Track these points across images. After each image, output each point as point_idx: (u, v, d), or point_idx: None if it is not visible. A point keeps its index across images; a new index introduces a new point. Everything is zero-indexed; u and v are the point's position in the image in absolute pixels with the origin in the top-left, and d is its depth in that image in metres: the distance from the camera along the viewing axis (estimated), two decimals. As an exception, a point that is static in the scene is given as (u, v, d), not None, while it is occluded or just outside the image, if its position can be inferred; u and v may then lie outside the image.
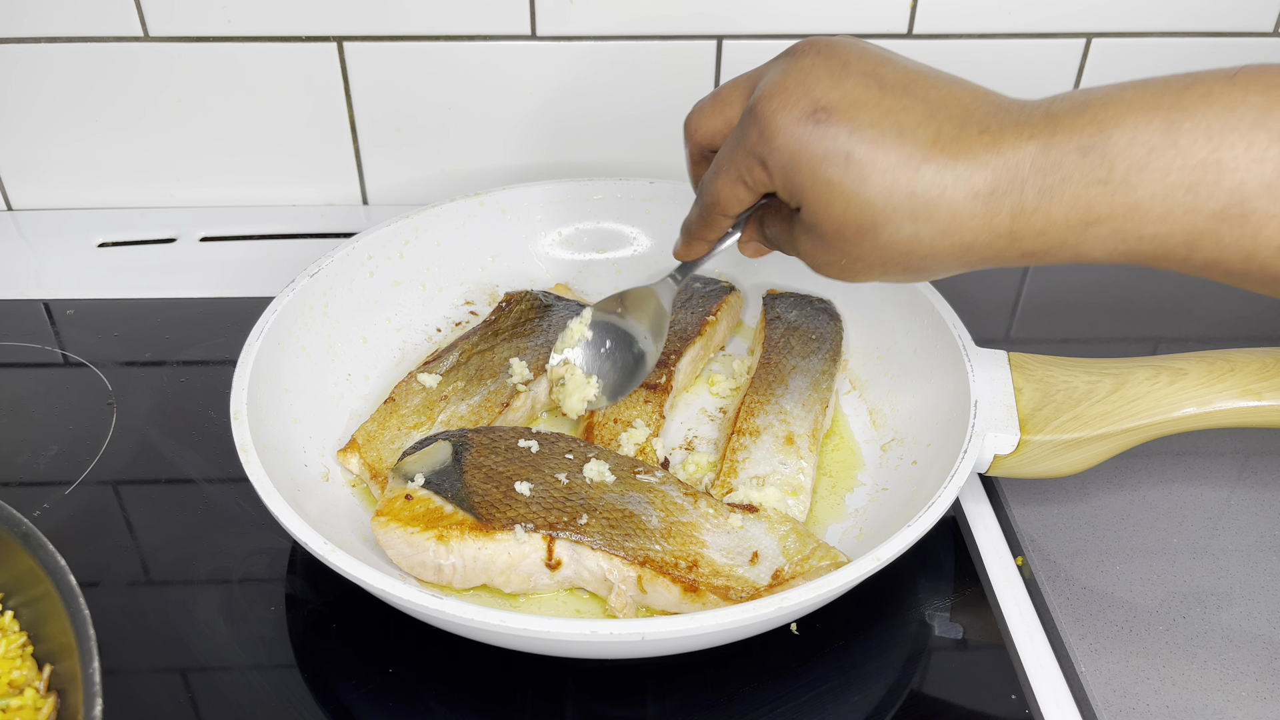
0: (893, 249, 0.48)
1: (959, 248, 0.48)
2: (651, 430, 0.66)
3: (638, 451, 0.64)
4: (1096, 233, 0.46)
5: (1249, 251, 0.45)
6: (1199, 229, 0.45)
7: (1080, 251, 0.47)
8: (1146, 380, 0.60)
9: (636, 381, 0.68)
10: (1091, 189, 0.45)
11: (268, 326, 0.64)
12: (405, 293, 0.76)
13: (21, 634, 0.51)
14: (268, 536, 0.61)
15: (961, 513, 0.64)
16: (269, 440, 0.59)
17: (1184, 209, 0.44)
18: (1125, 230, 0.45)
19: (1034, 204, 0.46)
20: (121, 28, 0.83)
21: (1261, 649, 0.55)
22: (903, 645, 0.57)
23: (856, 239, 0.49)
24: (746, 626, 0.50)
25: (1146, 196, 0.44)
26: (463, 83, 0.88)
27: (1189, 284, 0.85)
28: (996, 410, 0.60)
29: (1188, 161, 0.44)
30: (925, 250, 0.48)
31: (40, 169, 0.91)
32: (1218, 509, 0.64)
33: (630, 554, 0.55)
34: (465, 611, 0.48)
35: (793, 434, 0.64)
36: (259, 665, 0.55)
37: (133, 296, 0.81)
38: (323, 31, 0.85)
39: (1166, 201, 0.44)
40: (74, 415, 0.70)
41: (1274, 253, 0.44)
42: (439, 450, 0.59)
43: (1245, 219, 0.44)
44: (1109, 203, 0.45)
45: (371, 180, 0.93)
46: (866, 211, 0.47)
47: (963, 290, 0.76)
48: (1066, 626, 0.56)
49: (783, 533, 0.57)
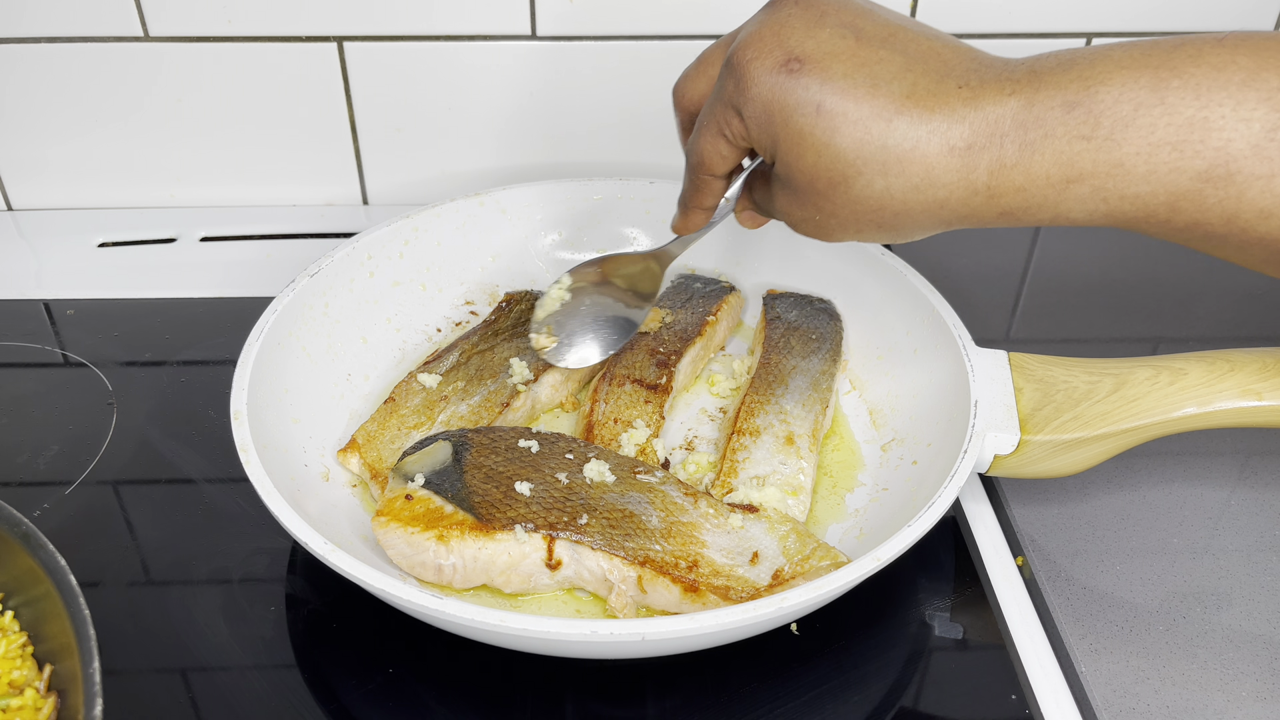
0: (865, 203, 0.48)
1: (933, 204, 0.47)
2: (652, 430, 0.66)
3: (638, 452, 0.64)
4: (1077, 191, 0.45)
5: (1231, 214, 0.44)
6: (1182, 189, 0.44)
7: (1060, 211, 0.46)
8: (1147, 380, 0.60)
9: (625, 337, 0.69)
10: (1075, 145, 0.44)
11: (268, 326, 0.64)
12: (405, 292, 0.76)
13: (22, 634, 0.51)
14: (268, 536, 0.61)
15: (962, 513, 0.64)
16: (269, 440, 0.59)
17: (1168, 168, 0.44)
18: (1107, 189, 0.45)
19: (1014, 159, 0.45)
20: (121, 27, 0.83)
21: (1262, 649, 0.55)
22: (903, 645, 0.57)
23: (828, 192, 0.48)
24: (746, 627, 0.50)
25: (1131, 154, 0.44)
26: (463, 83, 0.88)
27: (1189, 284, 0.85)
28: (996, 410, 0.60)
29: (1175, 119, 0.43)
30: (898, 206, 0.47)
31: (40, 169, 0.91)
32: (1218, 509, 0.64)
33: (630, 554, 0.55)
34: (465, 611, 0.48)
35: (793, 434, 0.64)
36: (259, 665, 0.55)
37: (133, 296, 0.81)
38: (323, 31, 0.84)
39: (1151, 160, 0.44)
40: (74, 415, 0.70)
41: (1256, 215, 0.44)
42: (439, 450, 0.59)
43: (1230, 179, 0.43)
44: (1092, 159, 0.44)
45: (371, 180, 0.93)
46: (837, 164, 0.47)
47: (963, 290, 0.76)
48: (1067, 626, 0.56)
49: (783, 533, 0.57)
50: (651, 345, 0.71)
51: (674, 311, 0.74)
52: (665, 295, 0.77)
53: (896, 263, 0.72)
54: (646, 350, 0.71)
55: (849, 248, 0.75)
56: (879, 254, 0.73)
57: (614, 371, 0.69)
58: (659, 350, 0.71)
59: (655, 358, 0.70)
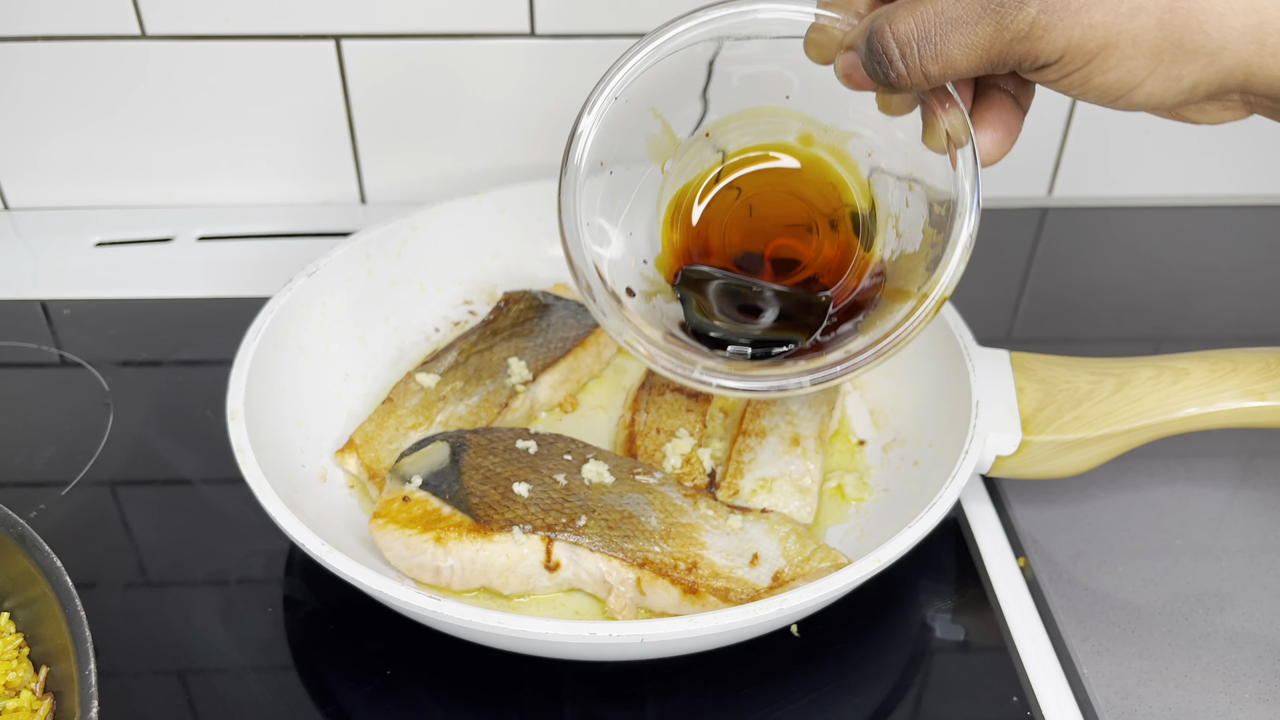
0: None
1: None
2: (696, 440, 0.64)
3: (683, 462, 0.63)
4: None
5: None
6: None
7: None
8: (1149, 380, 0.59)
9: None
10: None
11: (265, 326, 0.64)
12: (403, 292, 0.76)
13: (17, 635, 0.50)
14: (265, 537, 0.61)
15: (963, 514, 0.64)
16: (266, 441, 0.59)
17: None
18: None
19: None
20: (118, 26, 0.83)
21: (1264, 650, 0.55)
22: (904, 647, 0.56)
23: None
24: (746, 628, 0.50)
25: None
26: (461, 81, 0.87)
27: (1192, 283, 0.85)
28: (998, 410, 0.60)
29: None
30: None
31: (37, 168, 0.90)
32: (1220, 510, 0.63)
33: (629, 555, 0.54)
34: (463, 613, 0.48)
35: (799, 435, 0.63)
36: (256, 667, 0.54)
37: (130, 296, 0.81)
38: (320, 29, 0.84)
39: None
40: (70, 415, 0.70)
41: None
42: (437, 451, 0.59)
43: None
44: None
45: (370, 179, 0.93)
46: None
47: (964, 290, 0.76)
48: (1068, 628, 0.56)
49: (783, 534, 0.57)
50: None
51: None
52: None
53: (897, 262, 0.72)
54: None
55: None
56: (879, 253, 0.73)
57: (653, 380, 0.68)
58: None
59: None
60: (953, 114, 0.45)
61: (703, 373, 0.48)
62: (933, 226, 0.48)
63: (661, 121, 0.51)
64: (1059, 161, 0.95)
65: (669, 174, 0.53)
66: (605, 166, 0.50)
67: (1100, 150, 0.94)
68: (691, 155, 0.53)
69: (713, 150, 0.53)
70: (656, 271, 0.54)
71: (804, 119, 0.52)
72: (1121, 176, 0.96)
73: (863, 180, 0.52)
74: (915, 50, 0.41)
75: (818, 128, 0.52)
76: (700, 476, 0.62)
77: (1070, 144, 0.93)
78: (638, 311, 0.50)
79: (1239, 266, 0.87)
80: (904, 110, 0.48)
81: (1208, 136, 0.93)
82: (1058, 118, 0.92)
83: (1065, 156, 0.94)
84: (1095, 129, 0.93)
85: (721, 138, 0.52)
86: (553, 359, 0.69)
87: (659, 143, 0.52)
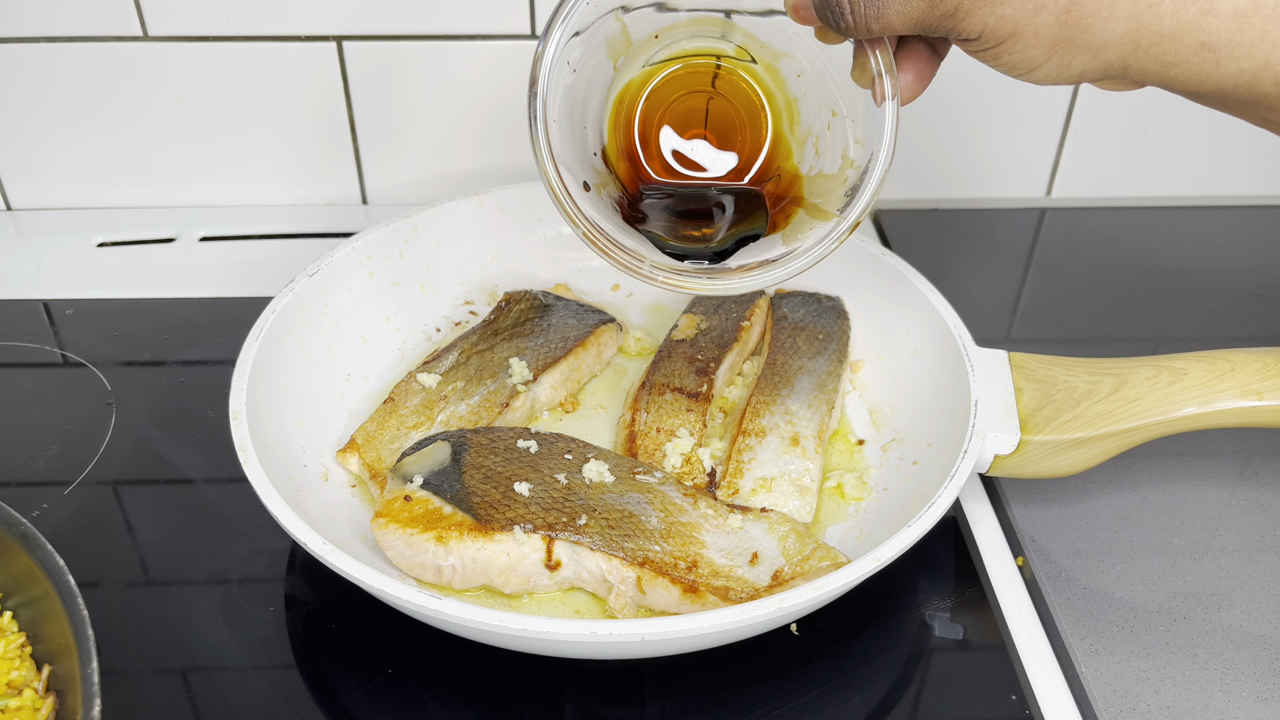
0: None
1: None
2: (696, 440, 0.65)
3: (683, 462, 0.63)
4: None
5: None
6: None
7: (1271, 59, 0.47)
8: (1147, 380, 0.59)
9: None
10: None
11: (267, 326, 0.64)
12: (404, 292, 0.76)
13: (20, 634, 0.51)
14: (267, 537, 0.61)
15: (962, 513, 0.64)
16: (268, 440, 0.59)
17: None
18: None
19: None
20: (121, 27, 0.83)
21: (1263, 649, 0.55)
22: (903, 646, 0.57)
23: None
24: (746, 627, 0.50)
25: None
26: (462, 82, 0.88)
27: (1190, 283, 0.85)
28: (997, 410, 0.60)
29: None
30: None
31: (39, 169, 0.91)
32: (1219, 509, 0.64)
33: (630, 554, 0.55)
34: (464, 612, 0.48)
35: (798, 435, 0.64)
36: (258, 666, 0.55)
37: (132, 296, 0.81)
38: (322, 31, 0.84)
39: None
40: (73, 415, 0.70)
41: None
42: (438, 451, 0.59)
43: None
44: None
45: (371, 179, 0.93)
46: None
47: (963, 290, 0.76)
48: (1067, 627, 0.56)
49: (782, 533, 0.57)
50: (689, 353, 0.70)
51: (708, 318, 0.74)
52: (697, 302, 0.76)
53: (897, 263, 0.72)
54: (684, 358, 0.70)
55: (849, 247, 0.75)
56: (879, 254, 0.73)
57: (653, 380, 0.68)
58: (697, 358, 0.70)
59: (694, 365, 0.69)
60: (881, 55, 0.51)
61: (651, 269, 0.55)
62: (851, 155, 0.55)
63: (621, 24, 0.56)
64: (1058, 162, 0.95)
65: (619, 70, 0.58)
66: (570, 65, 0.54)
67: (1098, 150, 0.94)
68: (639, 53, 0.58)
69: (660, 49, 0.58)
70: (603, 163, 0.59)
71: (745, 34, 0.58)
72: (1119, 177, 0.96)
73: (789, 96, 0.59)
74: (862, 8, 0.48)
75: (755, 43, 0.58)
76: (700, 476, 0.63)
77: (1069, 144, 0.94)
78: (593, 208, 0.56)
79: (1237, 267, 0.87)
80: (838, 41, 0.54)
81: (1206, 137, 0.93)
82: (1057, 118, 0.92)
83: (1064, 157, 0.94)
84: (1094, 129, 0.93)
85: (668, 40, 0.58)
86: (553, 359, 0.70)
87: (616, 42, 0.57)
